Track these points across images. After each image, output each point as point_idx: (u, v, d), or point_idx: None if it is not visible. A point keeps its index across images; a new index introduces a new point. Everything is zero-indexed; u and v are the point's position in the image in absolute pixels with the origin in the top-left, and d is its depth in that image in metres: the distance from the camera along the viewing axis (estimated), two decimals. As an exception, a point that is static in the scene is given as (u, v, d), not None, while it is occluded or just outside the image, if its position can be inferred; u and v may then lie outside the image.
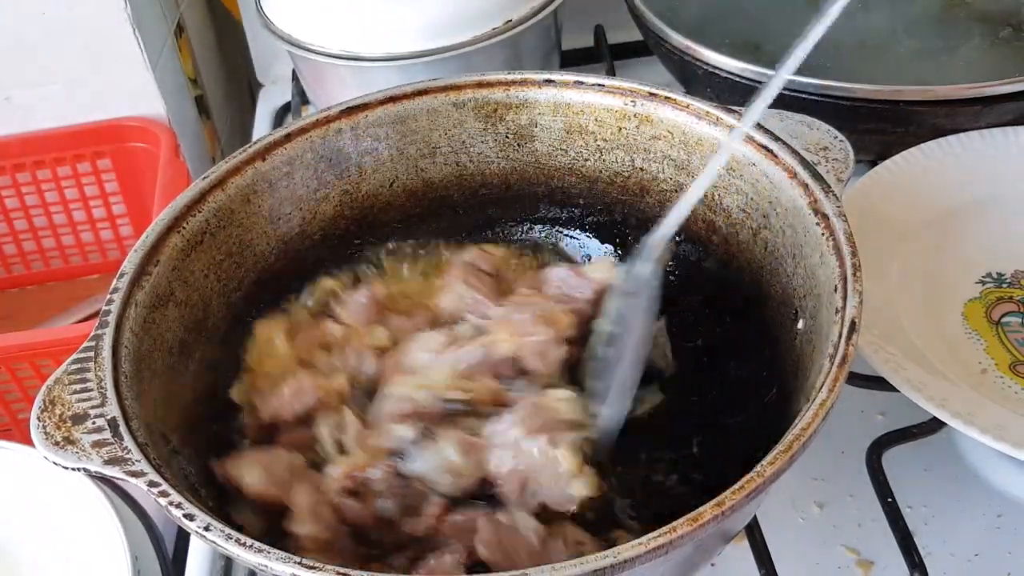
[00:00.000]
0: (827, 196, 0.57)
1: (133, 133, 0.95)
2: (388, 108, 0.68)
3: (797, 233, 0.58)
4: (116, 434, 0.49)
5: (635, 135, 0.67)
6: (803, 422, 0.46)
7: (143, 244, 0.58)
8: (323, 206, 0.69)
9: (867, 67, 0.82)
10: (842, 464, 0.68)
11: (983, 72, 0.81)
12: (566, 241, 0.73)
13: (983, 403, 0.63)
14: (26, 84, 0.93)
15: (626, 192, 0.69)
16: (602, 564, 0.41)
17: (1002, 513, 0.66)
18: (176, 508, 0.46)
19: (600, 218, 0.71)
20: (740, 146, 0.61)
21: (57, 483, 0.64)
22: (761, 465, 0.44)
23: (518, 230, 0.73)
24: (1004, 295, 0.72)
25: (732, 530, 0.54)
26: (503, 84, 0.68)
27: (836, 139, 0.63)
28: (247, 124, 1.15)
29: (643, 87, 0.66)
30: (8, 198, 0.98)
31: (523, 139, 0.70)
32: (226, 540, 0.44)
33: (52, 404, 0.51)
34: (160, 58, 0.96)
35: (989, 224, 0.76)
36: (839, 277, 0.53)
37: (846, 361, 0.48)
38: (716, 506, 0.43)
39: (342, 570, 0.42)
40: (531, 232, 0.73)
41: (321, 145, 0.67)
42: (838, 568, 0.64)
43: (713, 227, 0.65)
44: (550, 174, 0.71)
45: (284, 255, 0.67)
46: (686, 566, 0.52)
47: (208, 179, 0.63)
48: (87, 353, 0.53)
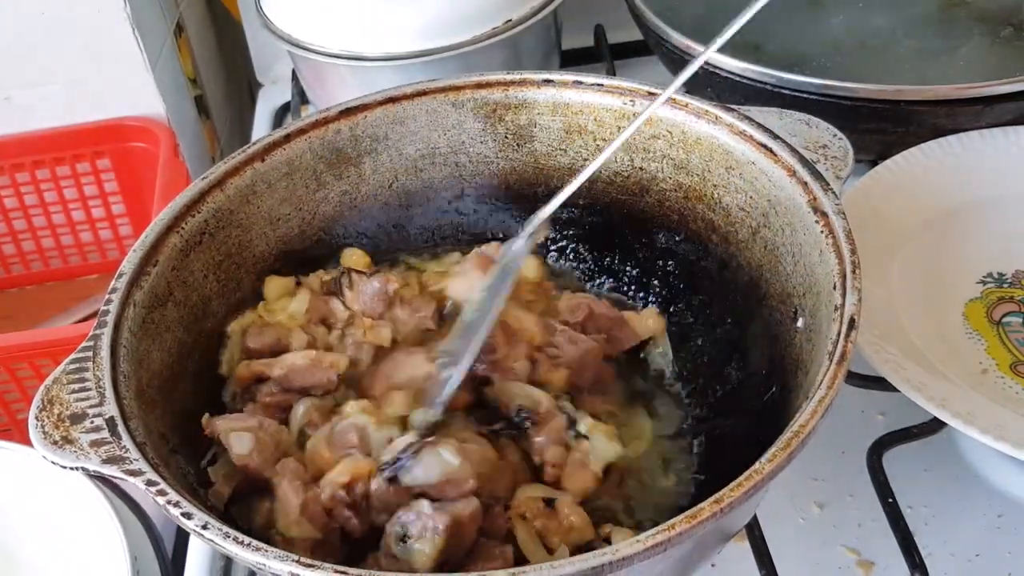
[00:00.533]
0: (826, 194, 0.57)
1: (132, 133, 0.95)
2: (388, 108, 0.68)
3: (796, 231, 0.58)
4: (114, 433, 0.49)
5: (634, 134, 0.67)
6: (802, 419, 0.46)
7: (142, 244, 0.58)
8: (323, 206, 0.69)
9: (868, 67, 0.82)
10: (842, 464, 0.68)
11: (983, 72, 0.81)
12: (566, 241, 0.73)
13: (983, 403, 0.63)
14: (26, 84, 0.93)
15: (625, 192, 0.69)
16: (600, 561, 0.41)
17: (1002, 513, 0.66)
18: (174, 507, 0.46)
19: (600, 218, 0.71)
20: (739, 142, 0.61)
21: (56, 483, 0.64)
22: (760, 462, 0.44)
23: (518, 230, 0.73)
24: (1005, 295, 0.72)
25: (731, 528, 0.53)
26: (502, 84, 0.68)
27: (835, 137, 0.62)
28: (247, 124, 1.15)
29: (642, 87, 0.66)
30: (7, 198, 0.98)
31: (522, 139, 0.70)
32: (224, 539, 0.44)
33: (51, 403, 0.51)
34: (160, 58, 0.96)
35: (989, 224, 0.76)
36: (838, 274, 0.53)
37: (845, 358, 0.48)
38: (715, 503, 0.43)
39: (340, 569, 0.42)
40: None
41: (320, 146, 0.67)
42: (838, 568, 0.64)
43: (712, 226, 0.65)
44: (549, 174, 0.71)
45: (283, 256, 0.67)
46: (685, 564, 0.51)
47: (207, 179, 0.63)
48: (86, 353, 0.53)
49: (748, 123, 0.62)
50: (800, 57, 0.84)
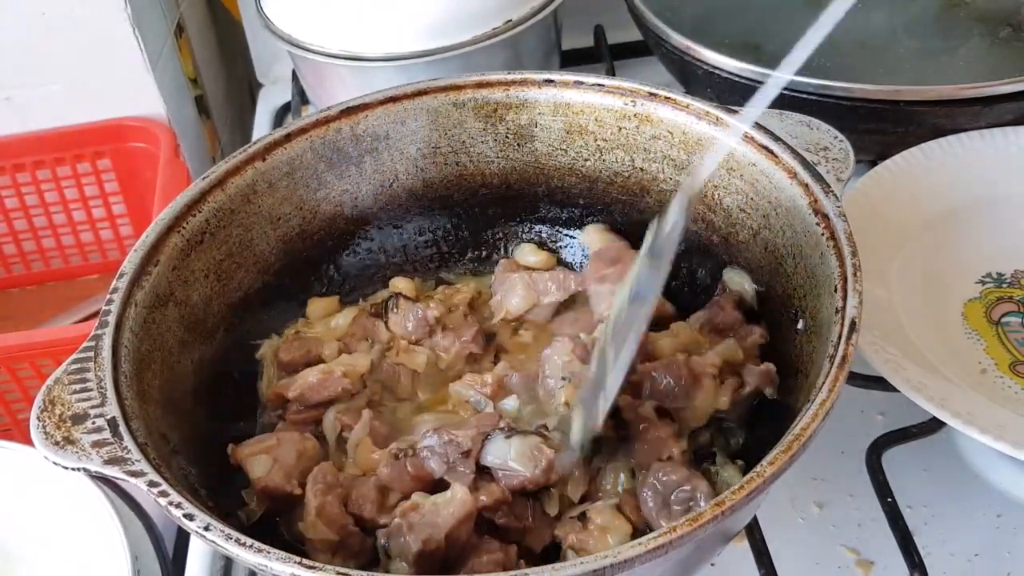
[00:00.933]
0: (827, 196, 0.57)
1: (133, 133, 0.95)
2: (388, 108, 0.68)
3: (797, 233, 0.58)
4: (116, 434, 0.49)
5: (635, 135, 0.67)
6: (803, 422, 0.46)
7: (143, 244, 0.58)
8: (323, 206, 0.69)
9: (867, 67, 0.82)
10: (842, 464, 0.68)
11: (983, 72, 0.81)
12: (565, 241, 0.73)
13: (983, 403, 0.63)
14: (26, 84, 0.93)
15: (626, 192, 0.69)
16: (602, 564, 0.41)
17: (1002, 513, 0.66)
18: (176, 508, 0.46)
19: (600, 218, 0.71)
20: (740, 144, 0.61)
21: (57, 483, 0.64)
22: (761, 465, 0.44)
23: (518, 230, 0.73)
24: (1004, 295, 0.72)
25: (732, 530, 0.53)
26: (503, 84, 0.68)
27: (836, 139, 0.63)
28: (247, 124, 1.15)
29: (643, 87, 0.66)
30: (8, 198, 0.98)
31: (523, 139, 0.70)
32: (226, 540, 0.44)
33: (52, 404, 0.51)
34: (160, 58, 0.96)
35: (989, 224, 0.76)
36: (839, 277, 0.53)
37: (846, 361, 0.48)
38: (716, 506, 0.43)
39: (342, 570, 0.42)
40: (531, 232, 0.73)
41: (321, 145, 0.67)
42: (838, 568, 0.64)
43: (713, 227, 0.65)
44: (550, 174, 0.71)
45: (284, 255, 0.67)
46: (686, 566, 0.52)
47: (208, 179, 0.63)
48: (87, 353, 0.53)
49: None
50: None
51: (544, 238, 0.73)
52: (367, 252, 0.72)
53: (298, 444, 0.58)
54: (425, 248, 0.73)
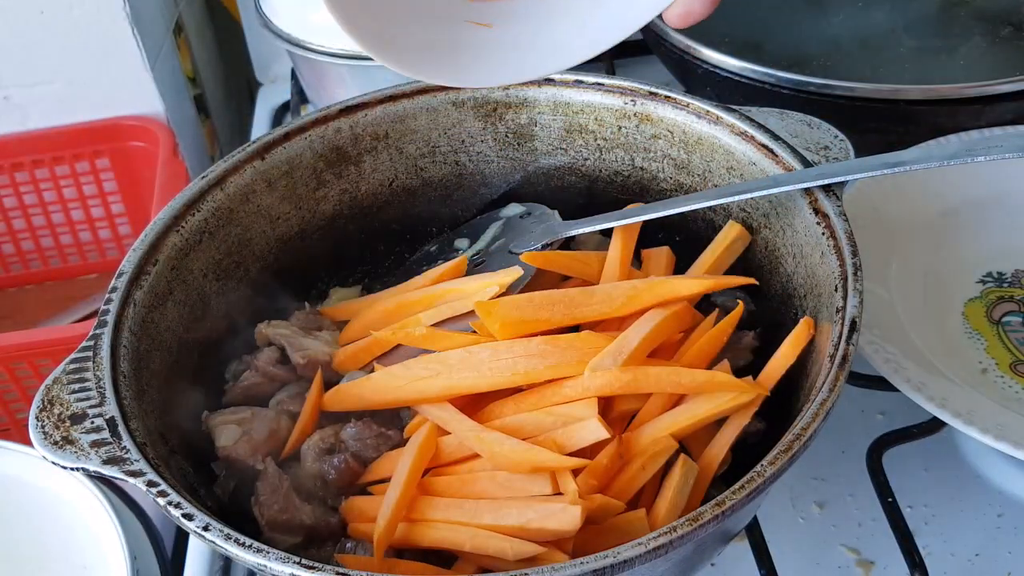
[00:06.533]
0: (827, 195, 0.57)
1: (132, 132, 0.95)
2: (387, 107, 0.68)
3: (797, 232, 0.58)
4: (115, 434, 0.49)
5: (635, 134, 0.67)
6: (803, 422, 0.46)
7: (142, 243, 0.58)
8: (322, 205, 0.69)
9: (868, 66, 0.82)
10: (842, 464, 0.68)
11: (984, 71, 0.81)
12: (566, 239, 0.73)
13: (983, 403, 0.62)
14: (25, 83, 0.93)
15: (626, 191, 0.69)
16: (602, 564, 0.41)
17: (1002, 513, 0.66)
18: (175, 508, 0.46)
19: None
20: (740, 143, 0.61)
21: (56, 483, 0.64)
22: (761, 465, 0.44)
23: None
24: (1005, 295, 0.72)
25: (732, 530, 0.53)
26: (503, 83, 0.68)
27: (837, 138, 0.62)
28: (246, 123, 1.15)
29: (643, 86, 0.66)
30: (6, 198, 0.98)
31: (523, 138, 0.70)
32: (225, 540, 0.44)
33: (51, 404, 0.50)
34: (159, 57, 0.96)
35: (989, 224, 0.76)
36: (839, 277, 0.53)
37: (846, 361, 0.48)
38: (716, 506, 0.43)
39: (342, 570, 0.42)
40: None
41: (320, 144, 0.67)
42: (838, 568, 0.64)
43: (713, 226, 0.65)
44: (550, 173, 0.71)
45: (283, 254, 0.67)
46: (686, 566, 0.51)
47: (207, 178, 0.62)
48: (86, 353, 0.53)
49: (750, 124, 0.62)
50: (800, 56, 0.84)
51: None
52: (367, 252, 0.72)
53: (272, 422, 0.58)
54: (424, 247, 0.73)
